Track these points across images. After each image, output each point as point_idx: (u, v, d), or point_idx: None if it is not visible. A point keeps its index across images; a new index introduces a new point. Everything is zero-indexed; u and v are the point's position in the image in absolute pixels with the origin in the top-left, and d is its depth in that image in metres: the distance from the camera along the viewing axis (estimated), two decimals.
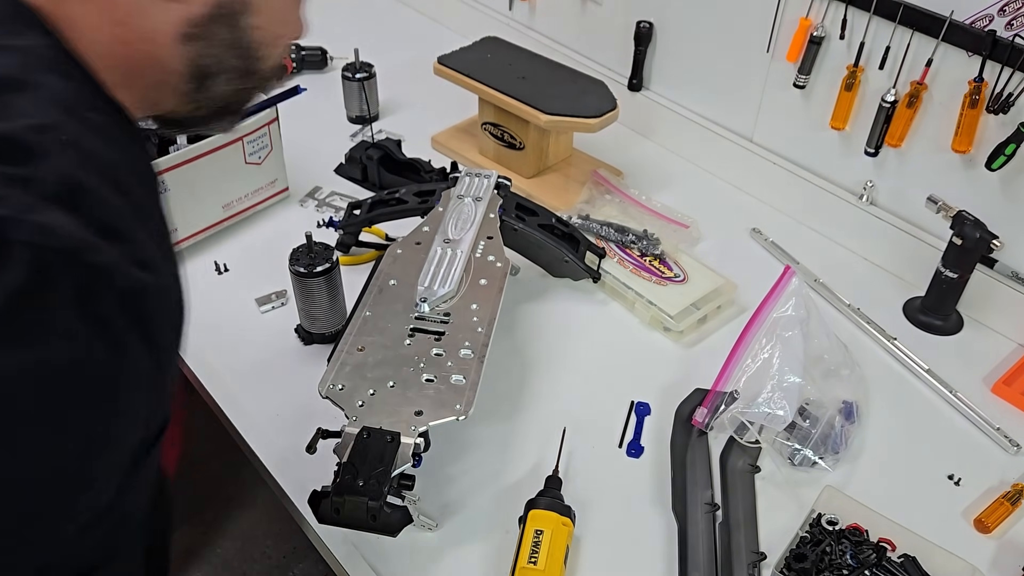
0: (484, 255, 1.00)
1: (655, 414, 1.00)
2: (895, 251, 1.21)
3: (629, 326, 1.12)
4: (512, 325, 1.11)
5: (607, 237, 1.20)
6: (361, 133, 1.47)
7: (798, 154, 1.30)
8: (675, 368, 1.06)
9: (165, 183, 1.10)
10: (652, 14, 1.40)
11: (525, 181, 1.35)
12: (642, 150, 1.47)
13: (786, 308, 1.01)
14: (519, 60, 1.36)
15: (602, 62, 1.53)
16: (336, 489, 0.75)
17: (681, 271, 1.15)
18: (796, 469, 0.94)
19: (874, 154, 1.18)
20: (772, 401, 0.93)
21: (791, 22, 1.20)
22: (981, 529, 0.89)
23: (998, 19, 1.00)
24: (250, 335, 1.08)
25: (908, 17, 1.07)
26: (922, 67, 1.09)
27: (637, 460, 0.95)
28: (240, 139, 1.17)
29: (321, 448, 0.79)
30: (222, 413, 0.98)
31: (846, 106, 1.19)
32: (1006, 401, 1.04)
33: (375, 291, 0.94)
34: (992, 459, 0.97)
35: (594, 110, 1.24)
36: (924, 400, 1.04)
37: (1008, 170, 1.05)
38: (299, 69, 1.61)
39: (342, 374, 0.84)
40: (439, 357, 0.86)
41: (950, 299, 1.12)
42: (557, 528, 0.80)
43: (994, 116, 1.04)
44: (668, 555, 0.85)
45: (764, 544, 0.86)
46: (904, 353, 1.08)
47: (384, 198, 1.15)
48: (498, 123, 1.34)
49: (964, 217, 1.06)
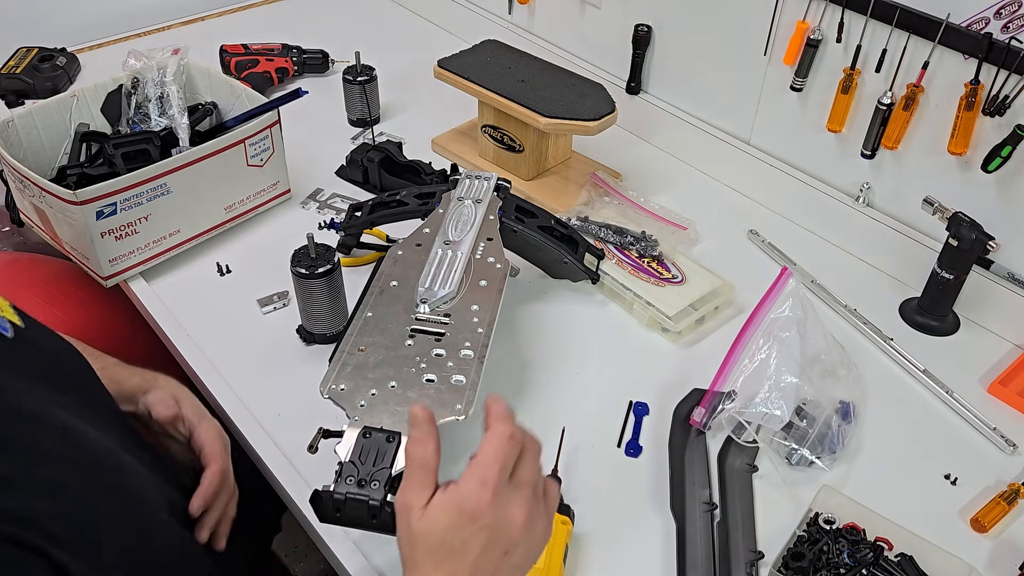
0: (484, 256, 1.01)
1: (653, 414, 1.01)
2: (892, 252, 1.21)
3: (628, 327, 1.13)
4: (512, 326, 1.11)
5: (606, 239, 1.20)
6: (362, 135, 1.48)
7: (795, 156, 1.31)
8: (673, 368, 1.07)
9: (168, 185, 1.11)
10: (650, 17, 1.41)
11: (524, 183, 1.35)
12: (640, 152, 1.47)
13: (783, 309, 1.01)
14: (518, 63, 1.37)
15: (601, 65, 1.53)
16: (337, 488, 0.75)
17: (679, 272, 1.16)
18: (793, 469, 0.94)
19: (871, 156, 1.19)
20: (769, 401, 0.94)
21: (788, 25, 1.21)
22: (978, 528, 0.90)
23: (994, 22, 1.01)
24: (252, 336, 1.08)
25: (905, 20, 1.08)
26: (918, 70, 1.09)
27: (635, 460, 0.96)
28: (242, 142, 1.17)
29: (322, 448, 0.80)
30: (224, 413, 0.99)
31: (843, 108, 1.20)
32: (1002, 401, 1.04)
33: (376, 292, 0.95)
34: (988, 459, 0.98)
35: (593, 113, 1.25)
36: (921, 400, 1.05)
37: (1004, 172, 1.05)
38: (300, 72, 1.62)
39: (343, 374, 0.84)
40: (440, 358, 0.87)
41: (946, 300, 1.12)
42: (556, 527, 0.81)
43: (990, 118, 1.05)
44: (666, 554, 0.86)
45: (762, 543, 0.87)
46: (901, 354, 1.09)
47: (385, 200, 1.16)
48: (498, 126, 1.35)
49: (960, 218, 1.07)
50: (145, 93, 1.24)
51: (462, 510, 0.62)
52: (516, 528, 0.63)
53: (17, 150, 1.15)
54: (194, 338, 1.07)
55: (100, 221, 1.06)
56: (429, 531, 0.63)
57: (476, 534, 0.62)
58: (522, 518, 0.63)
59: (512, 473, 0.64)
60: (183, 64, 1.27)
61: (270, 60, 1.58)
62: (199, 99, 1.31)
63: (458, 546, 0.62)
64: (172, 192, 1.12)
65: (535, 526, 0.65)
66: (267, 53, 1.59)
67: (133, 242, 1.11)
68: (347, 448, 0.78)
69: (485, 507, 0.62)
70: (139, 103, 1.25)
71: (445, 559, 0.62)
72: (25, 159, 1.15)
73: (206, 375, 1.02)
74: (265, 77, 1.57)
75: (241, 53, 1.58)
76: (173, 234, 1.16)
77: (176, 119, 1.22)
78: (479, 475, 0.63)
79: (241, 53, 1.58)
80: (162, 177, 1.10)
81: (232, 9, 1.86)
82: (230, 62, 1.57)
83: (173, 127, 1.21)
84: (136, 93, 1.25)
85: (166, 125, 1.22)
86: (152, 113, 1.23)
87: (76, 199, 1.03)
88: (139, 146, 1.17)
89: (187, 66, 1.28)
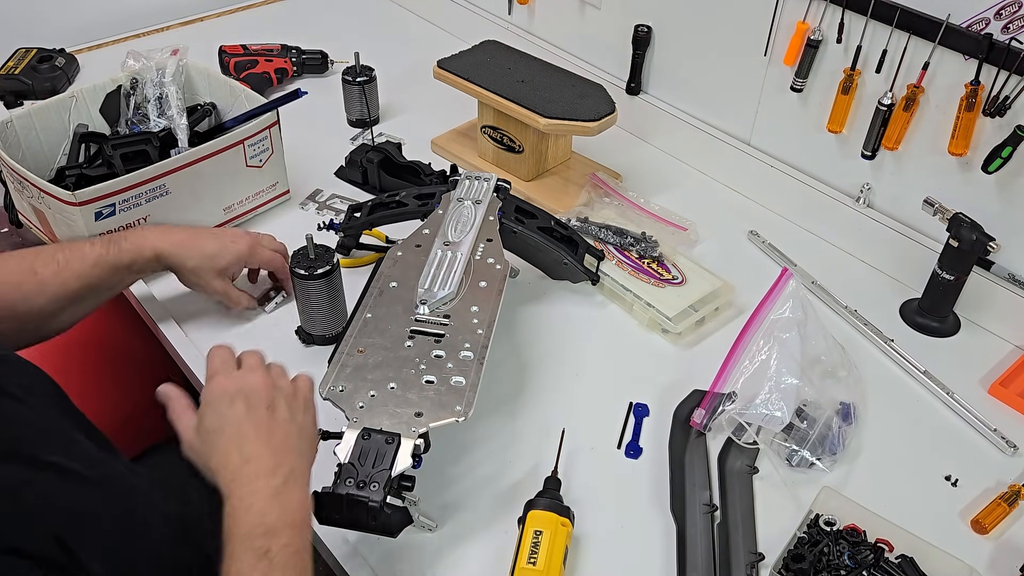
0: (484, 257, 1.01)
1: (653, 415, 1.01)
2: (892, 253, 1.21)
3: (628, 328, 1.13)
4: (512, 327, 1.11)
5: (606, 240, 1.20)
6: (361, 136, 1.48)
7: (795, 157, 1.31)
8: (673, 369, 1.06)
9: (167, 186, 1.11)
10: (650, 18, 1.41)
11: (524, 184, 1.35)
12: (640, 153, 1.47)
13: (783, 310, 1.01)
14: (518, 64, 1.36)
15: (601, 66, 1.53)
16: (336, 490, 0.75)
17: (679, 273, 1.15)
18: (794, 470, 0.94)
19: (871, 157, 1.19)
20: (770, 402, 0.94)
21: (788, 26, 1.21)
22: (978, 530, 0.89)
23: (995, 22, 1.01)
24: (251, 337, 1.08)
25: (905, 20, 1.08)
26: (919, 70, 1.09)
27: (636, 461, 0.95)
28: (241, 142, 1.17)
29: (322, 449, 0.79)
30: None
31: (843, 109, 1.19)
32: (1003, 403, 1.04)
33: (375, 293, 0.94)
34: (989, 460, 0.98)
35: (593, 113, 1.25)
36: (921, 401, 1.05)
37: (1005, 173, 1.05)
38: (300, 73, 1.62)
39: (343, 376, 0.84)
40: (439, 359, 0.86)
41: (947, 301, 1.12)
42: (556, 529, 0.81)
43: (991, 119, 1.04)
44: (666, 556, 0.86)
45: (762, 545, 0.87)
46: (901, 355, 1.09)
47: (384, 201, 1.16)
48: (497, 126, 1.35)
49: (961, 219, 1.06)
50: (144, 94, 1.24)
51: (208, 401, 0.75)
52: (261, 387, 0.75)
53: (16, 151, 1.14)
54: (192, 339, 1.07)
55: (99, 222, 1.06)
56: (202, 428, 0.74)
57: (231, 407, 0.73)
58: (260, 379, 0.76)
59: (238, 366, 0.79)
60: (182, 65, 1.27)
61: (269, 61, 1.58)
62: (198, 100, 1.31)
63: (226, 424, 0.73)
64: (171, 193, 1.12)
65: (279, 383, 0.77)
66: (266, 54, 1.59)
67: None
68: (346, 449, 0.77)
69: (222, 388, 0.75)
70: (138, 104, 1.25)
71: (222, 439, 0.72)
72: (24, 160, 1.14)
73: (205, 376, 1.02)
74: (264, 78, 1.57)
75: (240, 54, 1.58)
76: None
77: (175, 120, 1.21)
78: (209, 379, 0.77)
79: (240, 54, 1.58)
80: (161, 178, 1.10)
81: (231, 10, 1.86)
82: (229, 63, 1.57)
83: (172, 128, 1.21)
84: (135, 94, 1.25)
85: (165, 126, 1.22)
86: (151, 114, 1.23)
87: (75, 200, 1.03)
88: (138, 147, 1.17)
89: (186, 67, 1.28)
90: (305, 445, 0.76)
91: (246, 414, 0.73)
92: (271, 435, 0.73)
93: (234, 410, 0.73)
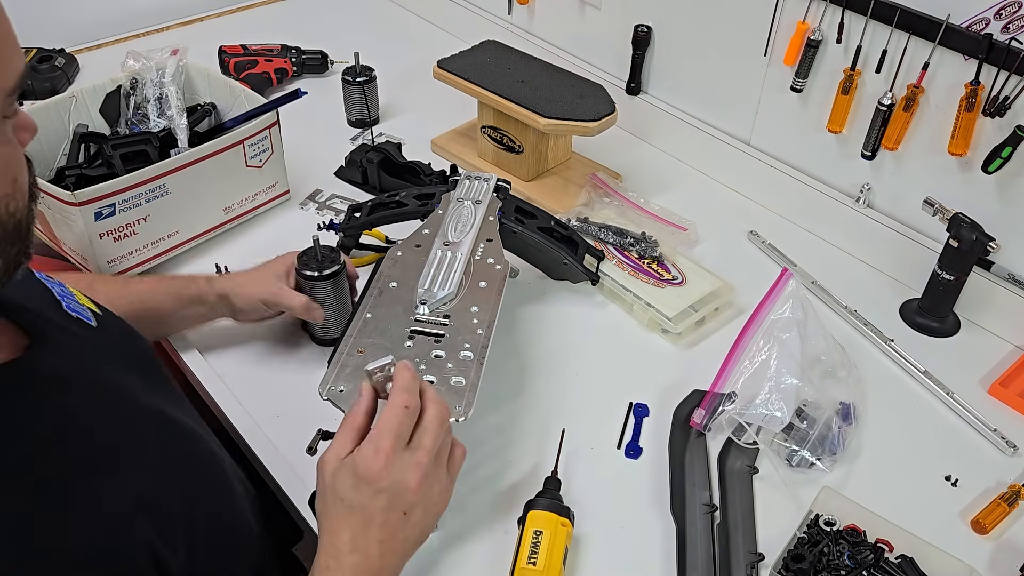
0: (484, 257, 1.00)
1: (653, 415, 1.01)
2: (892, 253, 1.21)
3: (627, 328, 1.13)
4: (511, 327, 1.11)
5: (606, 240, 1.20)
6: (361, 136, 1.48)
7: (795, 157, 1.31)
8: (673, 370, 1.06)
9: (167, 186, 1.11)
10: (650, 18, 1.41)
11: (524, 184, 1.35)
12: (640, 153, 1.47)
13: (783, 310, 1.01)
14: (518, 64, 1.36)
15: (600, 66, 1.53)
16: None
17: (679, 273, 1.15)
18: (794, 470, 0.94)
19: (871, 157, 1.19)
20: (770, 402, 0.94)
21: (788, 26, 1.21)
22: (978, 530, 0.89)
23: (995, 23, 1.01)
24: (250, 337, 1.08)
25: (905, 21, 1.08)
26: (919, 70, 1.09)
27: (636, 461, 0.95)
28: (241, 142, 1.17)
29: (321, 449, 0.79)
30: (222, 414, 0.99)
31: (843, 109, 1.19)
32: (1003, 403, 1.04)
33: (375, 293, 0.94)
34: (989, 460, 0.98)
35: (592, 114, 1.25)
36: (921, 401, 1.05)
37: (1004, 173, 1.05)
38: (299, 73, 1.62)
39: (342, 376, 0.84)
40: (439, 359, 0.86)
41: (947, 301, 1.12)
42: (556, 529, 0.81)
43: (991, 119, 1.04)
44: (666, 556, 0.86)
45: (762, 545, 0.87)
46: (901, 355, 1.09)
47: (384, 201, 1.16)
48: (497, 126, 1.35)
49: (961, 219, 1.06)
50: (144, 94, 1.24)
51: (357, 474, 0.68)
52: (412, 491, 0.69)
53: None
54: (192, 339, 1.07)
55: (99, 222, 1.06)
56: (334, 489, 0.69)
57: (374, 497, 0.68)
58: (416, 482, 0.69)
59: (410, 440, 0.70)
60: (182, 65, 1.27)
61: (269, 61, 1.58)
62: (198, 100, 1.31)
63: (358, 507, 0.68)
64: (171, 193, 1.12)
65: (431, 489, 0.71)
66: (266, 54, 1.59)
67: (132, 243, 1.11)
68: None
69: (378, 473, 0.68)
70: (138, 104, 1.25)
71: (348, 517, 0.69)
72: None
73: (204, 376, 1.02)
74: (264, 78, 1.57)
75: (240, 54, 1.58)
76: (172, 235, 1.16)
77: (175, 120, 1.21)
78: (374, 443, 0.69)
79: (240, 54, 1.58)
80: (161, 178, 1.10)
81: (231, 10, 1.86)
82: (229, 63, 1.57)
83: (172, 128, 1.21)
84: (135, 94, 1.25)
85: (165, 126, 1.22)
86: (151, 114, 1.23)
87: (75, 200, 1.03)
88: (138, 147, 1.17)
89: (186, 67, 1.28)
90: (416, 546, 0.74)
91: (382, 512, 0.69)
92: (392, 539, 0.70)
93: (374, 502, 0.68)
